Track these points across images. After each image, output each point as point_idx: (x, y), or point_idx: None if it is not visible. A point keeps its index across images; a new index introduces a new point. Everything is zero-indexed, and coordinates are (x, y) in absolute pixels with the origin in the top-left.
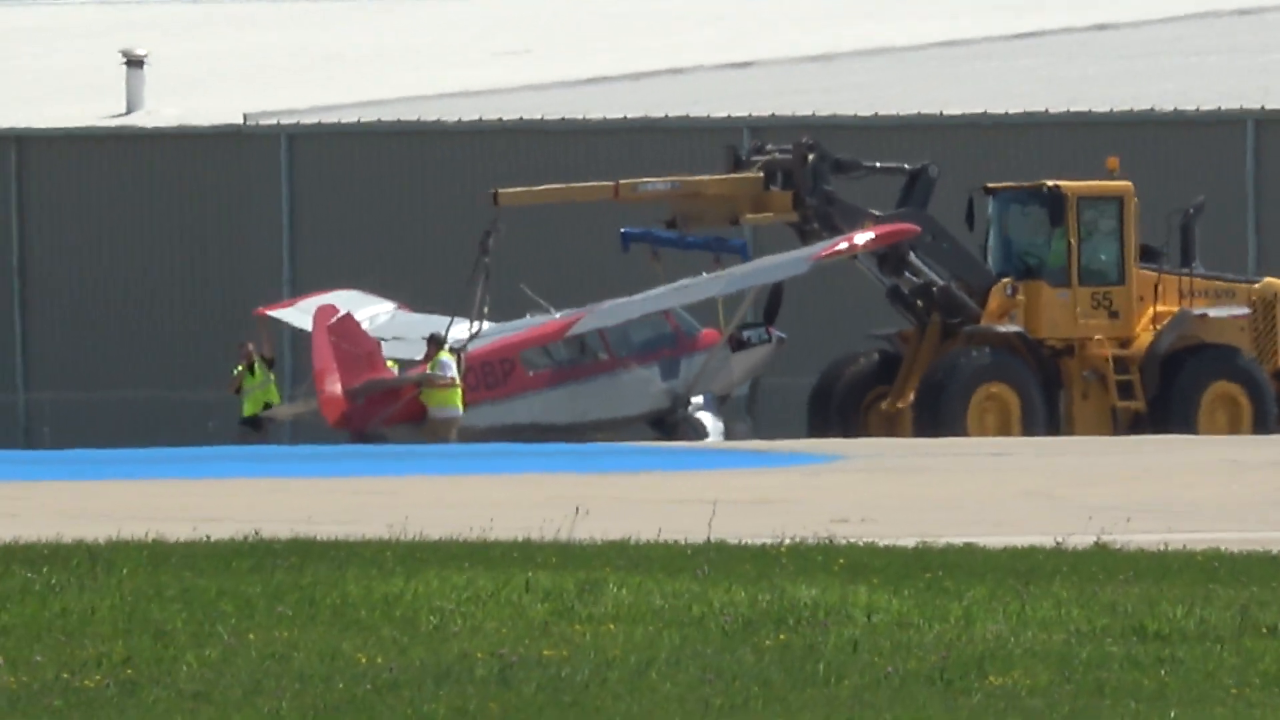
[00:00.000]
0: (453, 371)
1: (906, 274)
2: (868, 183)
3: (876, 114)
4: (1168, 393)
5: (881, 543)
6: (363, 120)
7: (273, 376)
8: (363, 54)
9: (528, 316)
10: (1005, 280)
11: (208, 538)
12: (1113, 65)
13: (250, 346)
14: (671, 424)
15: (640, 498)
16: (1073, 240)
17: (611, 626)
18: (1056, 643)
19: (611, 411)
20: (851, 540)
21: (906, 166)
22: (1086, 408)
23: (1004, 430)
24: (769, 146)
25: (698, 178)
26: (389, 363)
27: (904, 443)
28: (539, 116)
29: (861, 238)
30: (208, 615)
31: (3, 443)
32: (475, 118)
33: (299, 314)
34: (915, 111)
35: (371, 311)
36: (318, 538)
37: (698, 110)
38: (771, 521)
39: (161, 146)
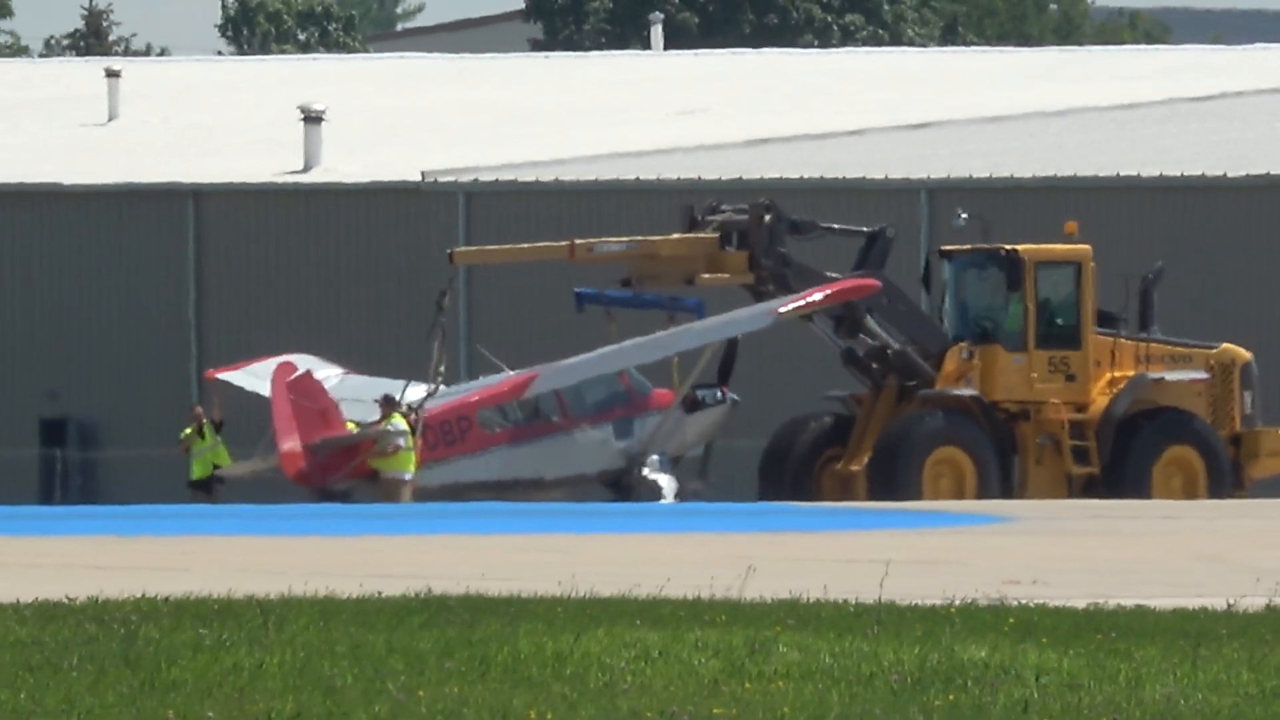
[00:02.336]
0: (402, 437)
1: (862, 336)
2: (826, 245)
3: (1055, 175)
4: (1123, 457)
5: (1052, 603)
6: (540, 179)
7: (221, 439)
8: (541, 112)
9: (481, 378)
10: (961, 344)
11: (379, 594)
12: None
13: (199, 409)
14: (627, 484)
15: (810, 557)
16: (1030, 304)
17: (781, 684)
18: (1226, 705)
19: (567, 470)
20: (1022, 601)
21: (865, 229)
22: (1041, 472)
23: (958, 494)
24: (724, 206)
25: (653, 238)
26: (349, 424)
27: (1074, 504)
28: (715, 177)
29: (822, 293)
30: (378, 671)
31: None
32: (653, 177)
33: (249, 377)
34: (1093, 174)
35: (320, 375)
36: (489, 594)
37: (874, 172)
38: (941, 582)
39: (339, 203)
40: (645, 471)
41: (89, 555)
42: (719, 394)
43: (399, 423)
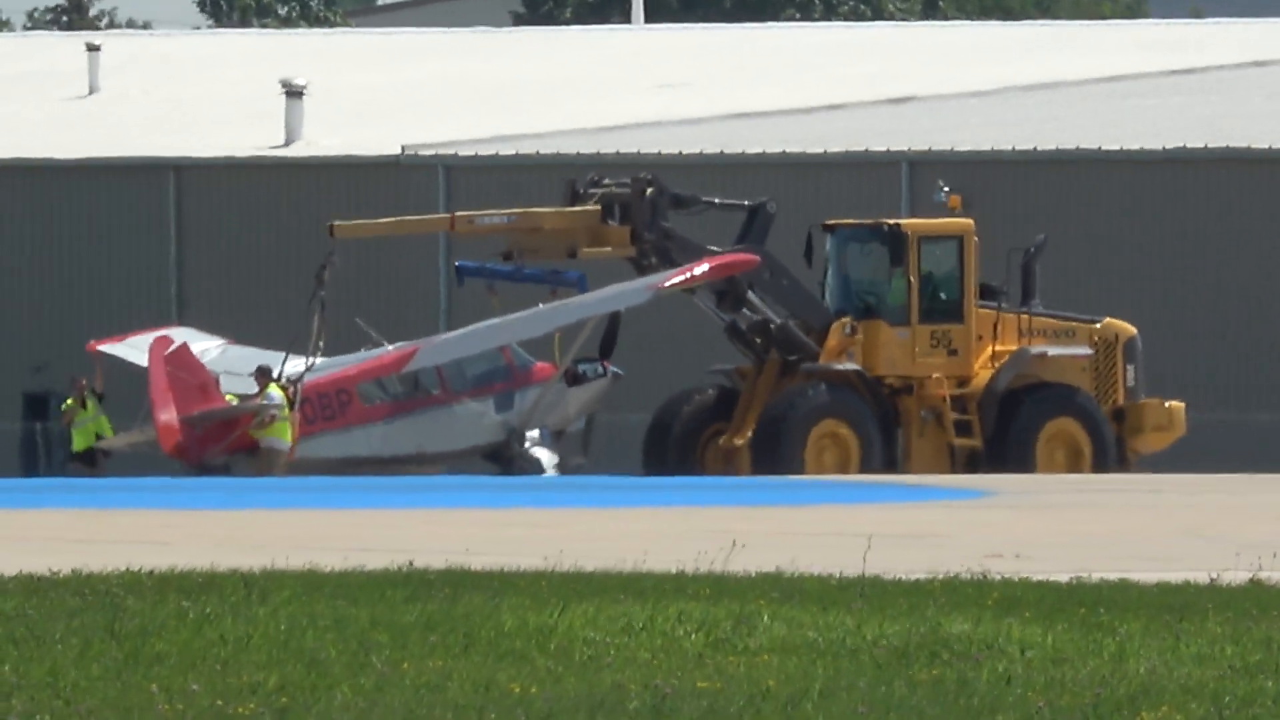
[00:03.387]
0: (279, 404)
1: (745, 311)
2: (707, 219)
3: (1035, 149)
4: (1005, 431)
5: (1035, 578)
6: (520, 152)
7: (103, 410)
8: (522, 85)
9: (362, 350)
10: (844, 318)
11: (362, 567)
12: (1274, 104)
13: (82, 380)
14: (508, 458)
15: (794, 531)
16: (912, 279)
17: (765, 658)
18: (1210, 679)
19: (447, 444)
20: (1005, 575)
21: (746, 203)
22: (924, 445)
23: (842, 468)
24: (606, 180)
25: (535, 210)
26: (228, 396)
27: (1056, 479)
28: (696, 151)
29: (701, 268)
30: (362, 645)
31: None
32: (633, 150)
33: (130, 349)
34: (1074, 146)
35: (201, 347)
36: (472, 568)
37: (856, 145)
38: (925, 556)
39: (320, 177)
40: (526, 445)
41: (71, 528)
42: (600, 368)
43: (275, 394)
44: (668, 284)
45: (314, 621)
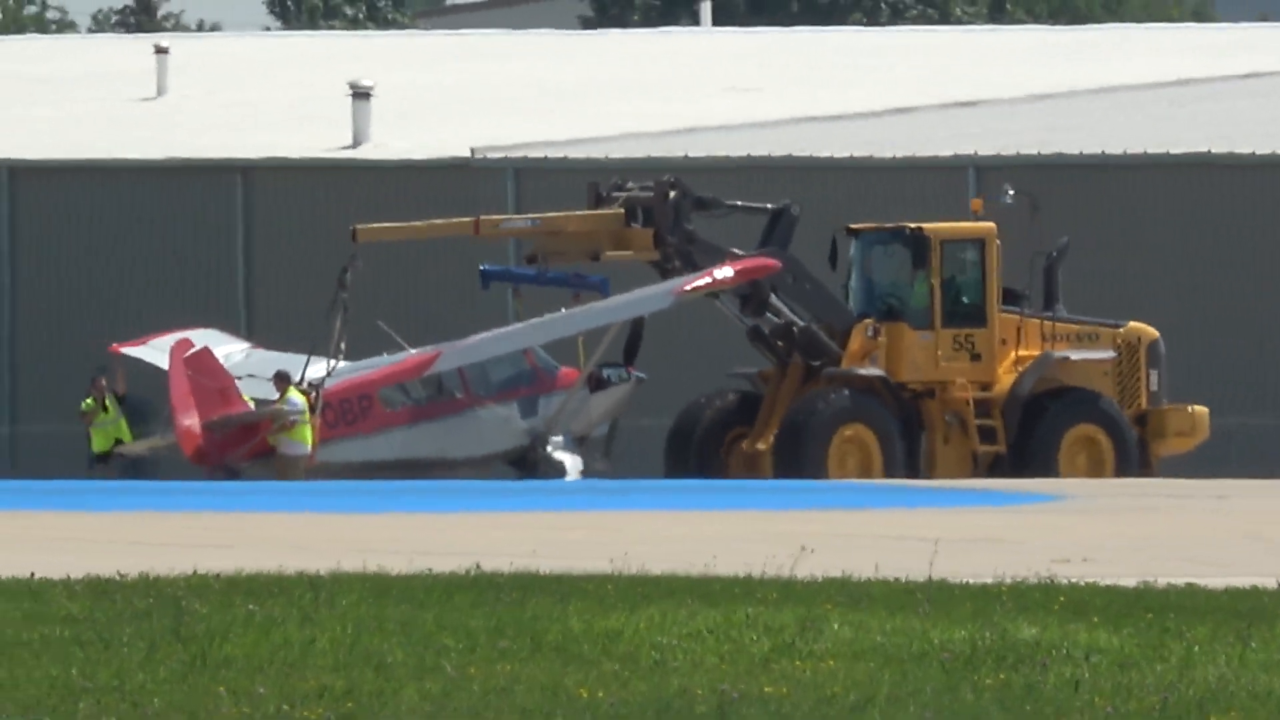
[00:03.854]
0: (300, 409)
1: (768, 314)
2: (731, 222)
3: (1102, 152)
4: (1028, 436)
5: (1102, 582)
6: (589, 155)
7: (123, 413)
8: (590, 88)
9: (384, 355)
10: (867, 322)
11: (429, 571)
12: None
13: (103, 382)
14: (532, 462)
15: (860, 534)
16: (935, 282)
17: (832, 663)
18: (1278, 685)
19: (470, 449)
20: (1072, 580)
21: (769, 206)
22: (947, 451)
23: (864, 473)
24: (630, 184)
25: (558, 214)
26: (248, 400)
27: (1123, 483)
28: (764, 153)
29: (723, 272)
30: (429, 648)
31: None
32: (702, 154)
33: (152, 351)
34: (1141, 150)
35: (226, 350)
36: (540, 571)
37: (922, 149)
38: (992, 560)
39: (388, 179)
40: (549, 450)
41: (138, 531)
42: (624, 372)
43: (295, 398)
44: (689, 288)
45: (381, 625)
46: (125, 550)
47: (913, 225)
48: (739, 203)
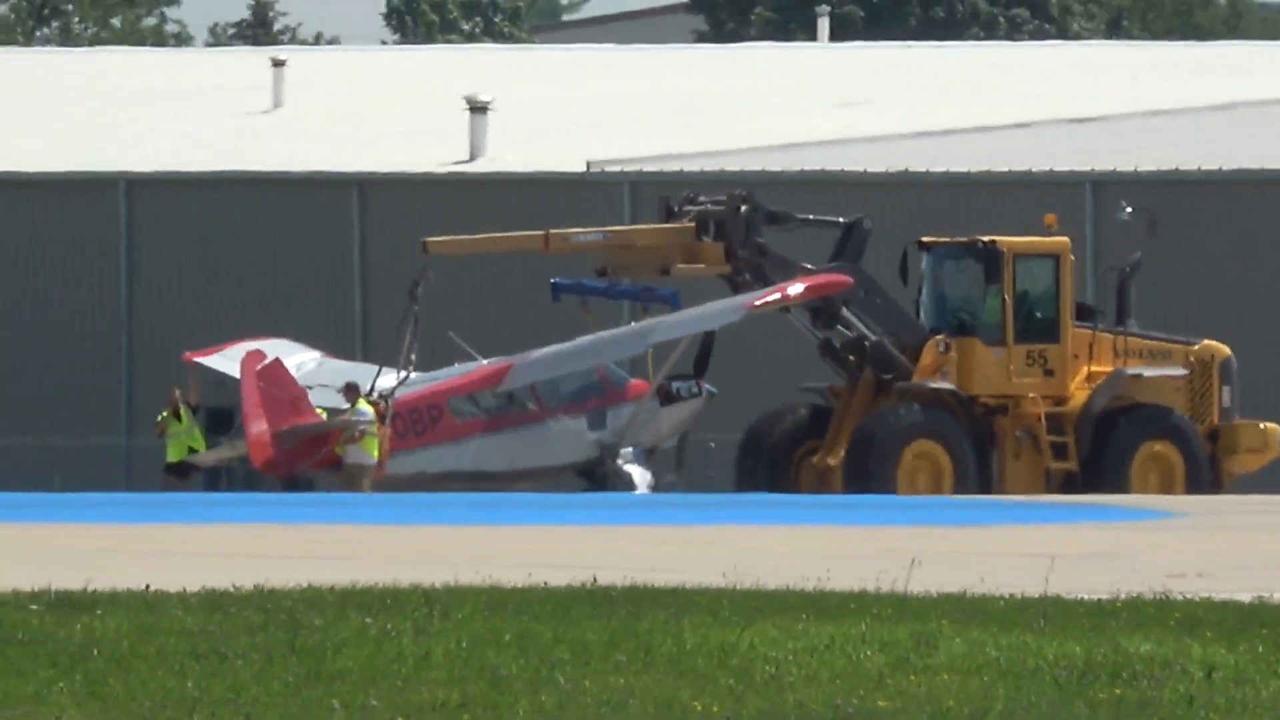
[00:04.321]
0: (369, 419)
1: (839, 328)
2: (802, 235)
3: (1220, 169)
4: (1100, 452)
5: (1217, 598)
6: (705, 169)
7: (197, 423)
8: (706, 102)
9: (455, 365)
10: (938, 336)
11: (545, 584)
12: None
13: (177, 392)
14: (601, 475)
15: (975, 550)
16: (1007, 297)
17: (946, 678)
18: None
19: (539, 460)
20: (1187, 595)
21: (841, 220)
22: (1019, 467)
23: (935, 488)
24: (701, 198)
25: (629, 228)
26: (318, 410)
27: (1237, 500)
28: (880, 168)
29: (794, 287)
30: (544, 661)
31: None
32: (817, 168)
33: (226, 360)
34: (1258, 166)
35: (298, 360)
36: (655, 585)
37: (1039, 165)
38: (1106, 576)
39: (504, 193)
40: (619, 463)
41: (252, 543)
42: (694, 386)
43: (364, 409)
44: (760, 303)
45: (496, 638)
46: (241, 563)
47: (985, 239)
48: (811, 217)
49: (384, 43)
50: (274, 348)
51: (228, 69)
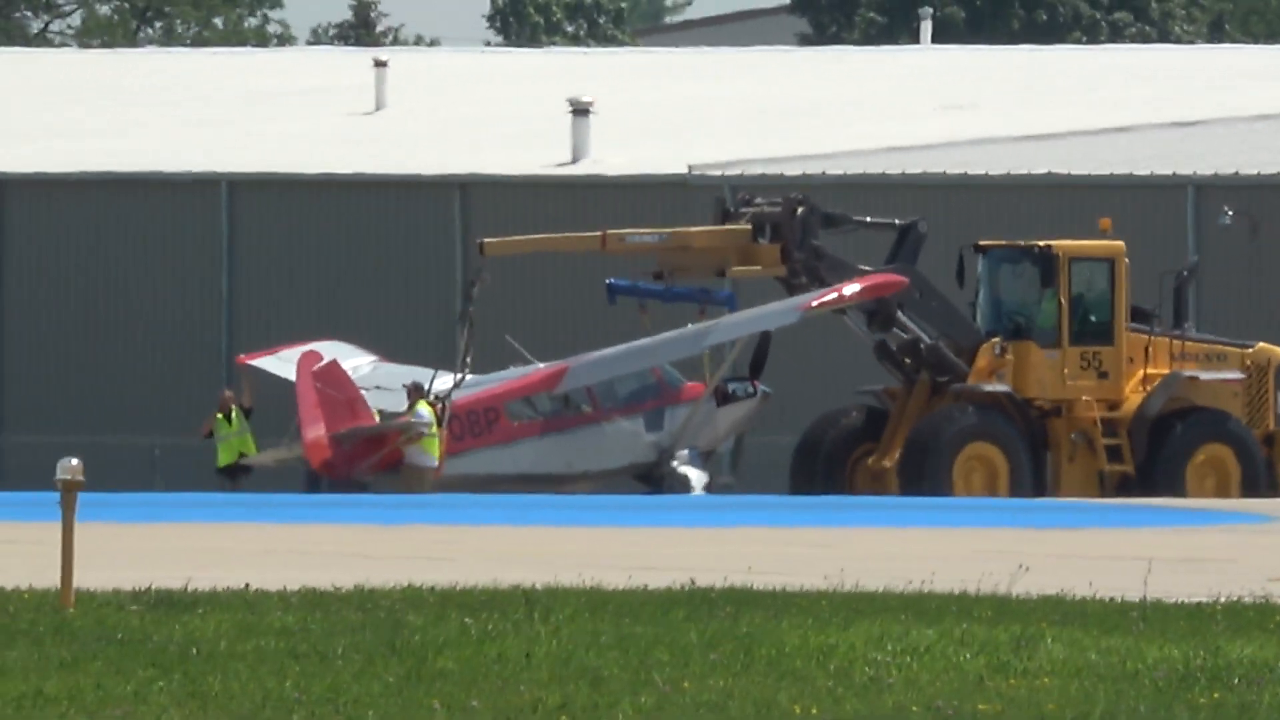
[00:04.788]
0: (428, 421)
1: (894, 330)
2: (858, 238)
3: None
4: (1155, 456)
5: None
6: (806, 173)
7: (249, 426)
8: (808, 106)
9: (511, 368)
10: (994, 339)
11: (645, 586)
12: None
13: (229, 394)
14: (657, 477)
15: (1075, 553)
16: (1063, 300)
17: (1046, 681)
18: None
19: (596, 463)
20: None
21: (897, 222)
22: (1074, 469)
23: (990, 491)
24: (757, 199)
25: (685, 229)
26: (374, 412)
27: None
28: (982, 172)
29: (850, 289)
30: (644, 663)
31: None
32: (919, 171)
33: (279, 363)
34: None
35: (353, 363)
36: (755, 587)
37: (1141, 168)
38: (1206, 579)
39: (606, 195)
40: (675, 464)
41: (353, 543)
42: (750, 387)
43: (423, 411)
44: (816, 304)
45: (596, 639)
46: (341, 563)
47: (1041, 243)
48: (867, 219)
49: (487, 44)
50: (329, 350)
51: (330, 70)
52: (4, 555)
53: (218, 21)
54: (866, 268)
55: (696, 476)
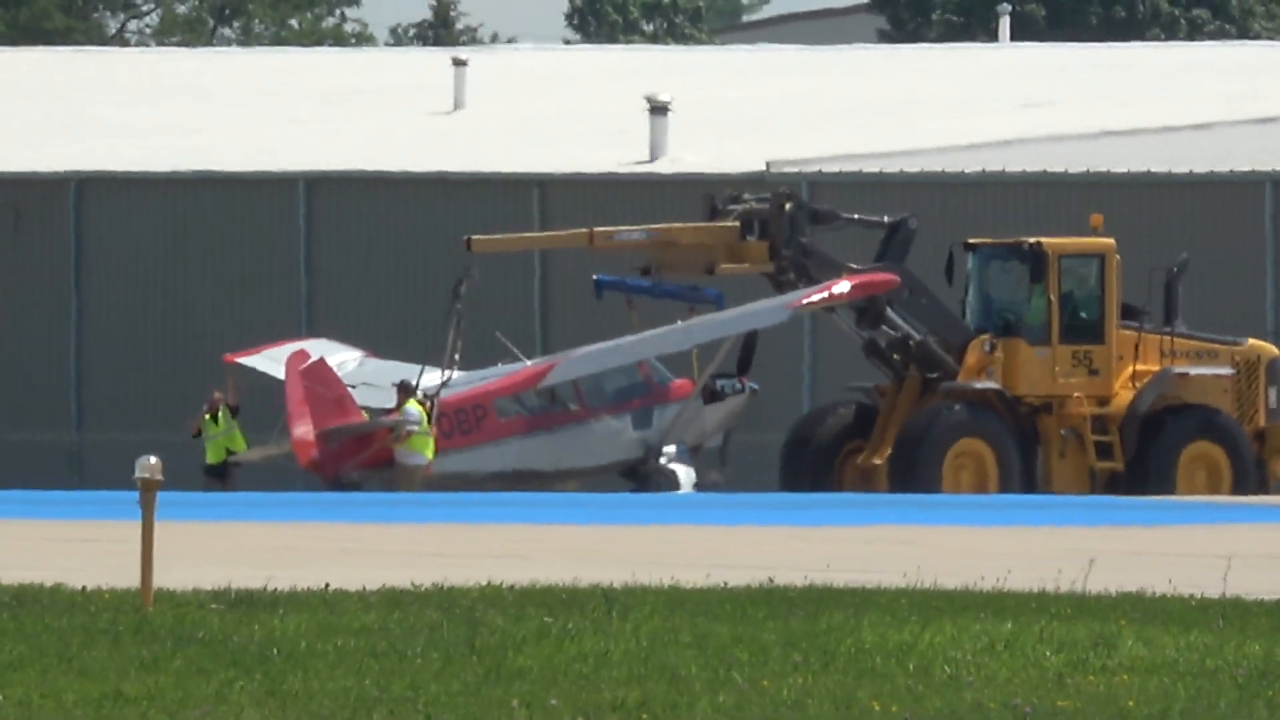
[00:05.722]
0: (416, 419)
1: (884, 328)
2: (847, 235)
3: None
4: (1146, 452)
5: None
6: (885, 170)
7: (236, 424)
8: (886, 103)
9: (499, 365)
10: (984, 336)
11: (723, 584)
12: None
13: (218, 394)
14: (645, 474)
15: (1153, 550)
16: (1053, 297)
17: (1125, 678)
18: None
19: (584, 460)
20: None
21: (886, 219)
22: (1064, 466)
23: (980, 488)
24: (746, 196)
25: (673, 226)
26: (362, 410)
27: None
28: (1061, 169)
29: (840, 287)
30: (723, 661)
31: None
32: (998, 168)
33: (267, 361)
34: None
35: (340, 359)
36: (833, 585)
37: (1220, 165)
38: None
39: (684, 193)
40: (663, 461)
41: (431, 542)
42: (738, 384)
43: (413, 409)
44: (805, 302)
45: (675, 637)
46: (420, 561)
47: (1031, 240)
48: (855, 215)
49: (566, 43)
50: (315, 347)
51: (408, 69)
52: (84, 554)
53: (294, 22)
54: (855, 265)
55: (684, 473)
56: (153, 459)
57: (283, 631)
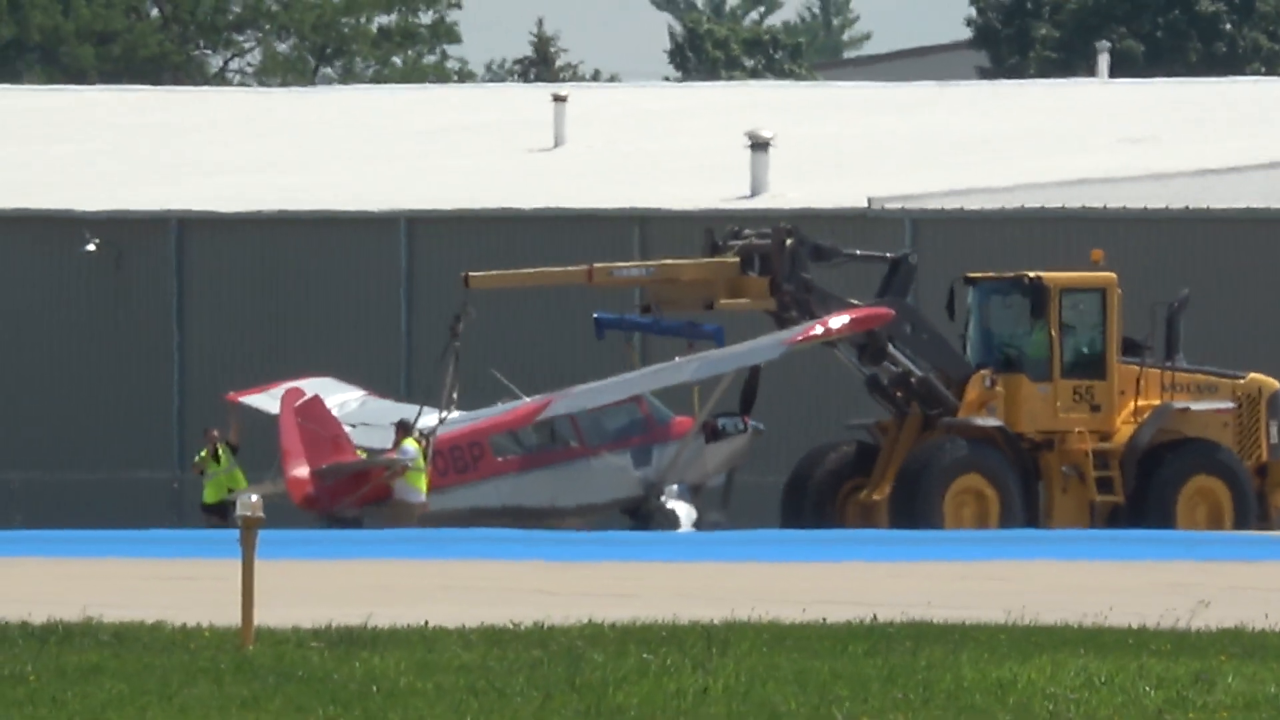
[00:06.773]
0: (413, 456)
1: (885, 364)
2: (849, 270)
3: None
4: (1146, 487)
5: None
6: (986, 206)
7: (236, 463)
8: (987, 139)
9: (498, 404)
10: (984, 372)
11: (823, 620)
12: None
13: (215, 433)
14: (646, 513)
15: (1254, 586)
16: (1054, 332)
17: (1225, 715)
18: None
19: (582, 498)
20: None
21: (888, 255)
22: (1065, 501)
23: (981, 524)
24: (746, 231)
25: (674, 262)
26: (358, 450)
27: None
28: (1162, 205)
29: (836, 322)
30: (823, 698)
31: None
32: (1099, 205)
33: (271, 400)
34: None
35: (341, 398)
36: (933, 621)
37: None
38: None
39: None
40: (664, 500)
41: (531, 579)
42: (740, 423)
43: (409, 447)
44: (801, 338)
45: (774, 673)
46: (520, 598)
47: (1032, 274)
48: (857, 251)
49: (666, 79)
50: (315, 386)
51: (509, 106)
52: (185, 592)
53: (396, 60)
54: (855, 301)
55: (685, 512)
56: (254, 496)
57: (382, 669)
